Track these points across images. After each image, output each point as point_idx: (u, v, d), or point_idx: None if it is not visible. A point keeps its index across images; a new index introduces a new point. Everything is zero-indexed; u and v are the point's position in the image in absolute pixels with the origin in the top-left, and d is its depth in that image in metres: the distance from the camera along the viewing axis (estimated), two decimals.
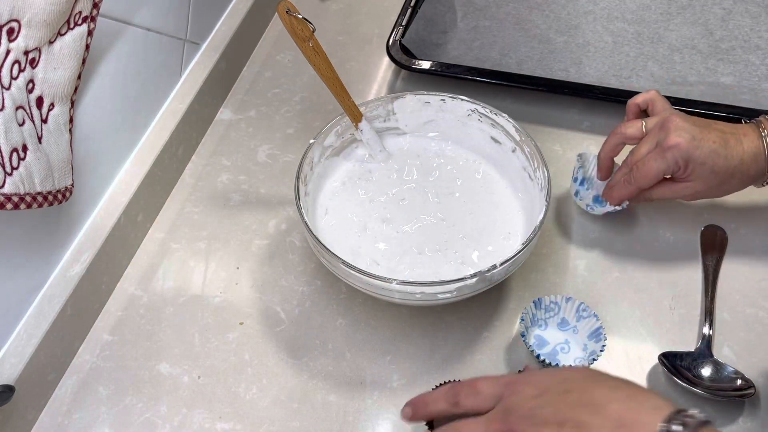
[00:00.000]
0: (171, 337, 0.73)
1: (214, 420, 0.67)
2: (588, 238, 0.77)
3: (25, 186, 0.57)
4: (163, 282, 0.77)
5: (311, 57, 0.72)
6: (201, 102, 0.88)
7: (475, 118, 0.77)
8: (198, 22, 0.88)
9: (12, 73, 0.56)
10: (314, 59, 0.72)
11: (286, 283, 0.76)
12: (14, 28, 0.55)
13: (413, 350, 0.71)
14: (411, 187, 0.77)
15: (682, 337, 0.69)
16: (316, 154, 0.75)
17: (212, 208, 0.84)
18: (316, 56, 0.72)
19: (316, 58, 0.72)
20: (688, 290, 0.73)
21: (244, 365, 0.71)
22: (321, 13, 1.05)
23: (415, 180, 0.78)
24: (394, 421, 0.66)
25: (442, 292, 0.64)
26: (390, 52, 0.91)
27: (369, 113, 0.78)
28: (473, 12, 0.99)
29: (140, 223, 0.80)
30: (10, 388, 0.63)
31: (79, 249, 0.73)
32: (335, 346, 0.72)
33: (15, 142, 0.56)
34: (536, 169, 0.72)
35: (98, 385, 0.70)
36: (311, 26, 0.72)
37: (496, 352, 0.70)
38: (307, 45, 0.71)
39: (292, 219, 0.82)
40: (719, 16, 0.96)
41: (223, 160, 0.88)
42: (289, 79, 0.97)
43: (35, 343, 0.66)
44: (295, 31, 0.71)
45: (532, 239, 0.65)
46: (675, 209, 0.79)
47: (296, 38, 0.71)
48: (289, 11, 0.70)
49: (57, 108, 0.63)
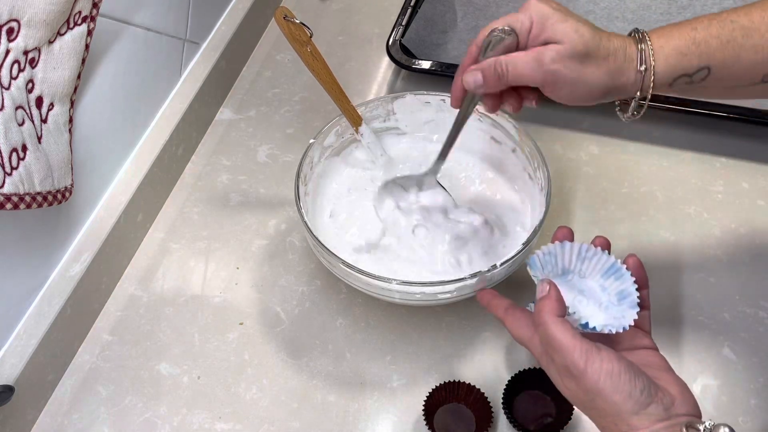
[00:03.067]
0: (171, 337, 0.73)
1: (213, 420, 0.67)
2: (588, 238, 0.77)
3: (24, 186, 0.57)
4: (163, 282, 0.77)
5: (310, 62, 0.72)
6: (201, 102, 0.88)
7: (476, 117, 0.77)
8: (198, 22, 0.88)
9: (12, 73, 0.56)
10: (313, 64, 0.72)
11: (286, 283, 0.76)
12: (14, 27, 0.55)
13: (413, 350, 0.71)
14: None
15: (682, 336, 0.69)
16: (316, 154, 0.75)
17: (212, 208, 0.84)
18: (314, 61, 0.72)
19: (314, 63, 0.72)
20: (688, 290, 0.73)
21: (244, 365, 0.71)
22: (321, 13, 1.05)
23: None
24: (394, 421, 0.66)
25: (442, 292, 0.64)
26: (390, 52, 0.91)
27: (369, 113, 0.77)
28: (473, 12, 0.99)
29: (140, 223, 0.80)
30: (10, 388, 0.63)
31: (79, 249, 0.72)
32: (335, 346, 0.71)
33: (14, 142, 0.56)
34: (536, 169, 0.72)
35: (98, 386, 0.70)
36: (309, 31, 0.71)
37: (496, 352, 0.70)
38: (306, 50, 0.71)
39: (292, 219, 0.82)
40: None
41: (223, 160, 0.88)
42: (289, 79, 0.97)
43: (35, 343, 0.66)
44: (293, 37, 0.70)
45: (532, 239, 0.65)
46: (675, 209, 0.79)
47: (294, 43, 0.71)
48: (287, 17, 0.70)
49: (57, 108, 0.63)
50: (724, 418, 0.64)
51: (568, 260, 0.58)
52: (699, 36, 0.53)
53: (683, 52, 0.53)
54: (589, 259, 0.58)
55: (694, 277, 0.74)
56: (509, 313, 0.56)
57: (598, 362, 0.48)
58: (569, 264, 0.58)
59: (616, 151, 0.85)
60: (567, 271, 0.58)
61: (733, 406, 0.65)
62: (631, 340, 0.54)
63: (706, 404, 0.65)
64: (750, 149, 0.83)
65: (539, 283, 0.54)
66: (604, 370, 0.47)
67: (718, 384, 0.66)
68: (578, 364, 0.48)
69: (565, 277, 0.58)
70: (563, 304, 0.52)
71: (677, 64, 0.53)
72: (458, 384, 0.66)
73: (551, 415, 0.65)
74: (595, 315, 0.56)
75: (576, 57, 0.53)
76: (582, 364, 0.48)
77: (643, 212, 0.79)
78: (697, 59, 0.53)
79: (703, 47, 0.53)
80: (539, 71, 0.53)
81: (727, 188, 0.80)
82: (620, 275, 0.56)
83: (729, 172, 0.82)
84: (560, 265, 0.58)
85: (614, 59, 0.54)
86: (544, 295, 0.52)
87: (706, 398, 0.66)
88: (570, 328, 0.50)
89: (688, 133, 0.85)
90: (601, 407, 0.48)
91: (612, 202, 0.80)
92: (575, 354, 0.48)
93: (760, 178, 0.81)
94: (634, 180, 0.82)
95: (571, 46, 0.53)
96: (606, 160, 0.84)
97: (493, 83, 0.56)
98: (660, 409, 0.47)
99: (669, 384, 0.49)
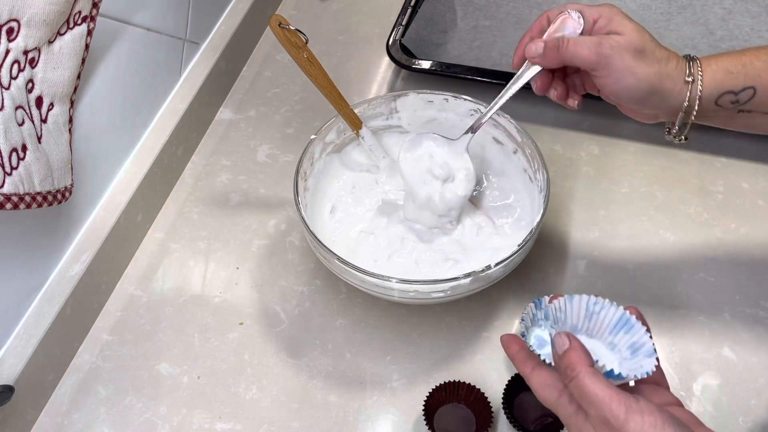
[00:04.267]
0: (171, 337, 0.73)
1: (213, 420, 0.67)
2: (588, 238, 0.77)
3: (24, 186, 0.57)
4: (163, 282, 0.77)
5: (307, 68, 0.72)
6: (201, 102, 0.88)
7: (477, 118, 0.77)
8: (198, 22, 0.88)
9: (11, 73, 0.56)
10: (310, 70, 0.72)
11: (286, 283, 0.76)
12: (14, 27, 0.55)
13: (413, 350, 0.71)
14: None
15: (682, 336, 0.69)
16: (317, 150, 0.75)
17: (212, 208, 0.84)
18: (311, 67, 0.72)
19: (311, 69, 0.72)
20: (688, 290, 0.73)
21: (244, 365, 0.71)
22: (321, 13, 1.05)
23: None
24: (394, 421, 0.66)
25: (436, 291, 0.64)
26: (390, 52, 0.91)
27: (371, 111, 0.77)
28: (473, 12, 0.99)
29: (140, 223, 0.80)
30: (9, 388, 0.63)
31: (79, 249, 0.72)
32: (335, 346, 0.71)
33: (14, 141, 0.56)
34: (537, 170, 0.72)
35: (98, 385, 0.70)
36: (304, 37, 0.71)
37: (496, 352, 0.70)
38: (302, 56, 0.71)
39: (292, 219, 0.82)
40: (719, 16, 0.95)
41: (222, 160, 0.88)
42: (289, 79, 0.97)
43: (35, 343, 0.66)
44: (289, 43, 0.70)
45: (528, 240, 0.65)
46: (675, 209, 0.79)
47: (291, 50, 0.71)
48: (281, 24, 0.70)
49: (56, 108, 0.63)
50: (724, 418, 0.64)
51: (575, 316, 0.54)
52: (746, 59, 0.56)
53: (730, 71, 0.56)
54: (597, 313, 0.54)
55: (694, 277, 0.74)
56: (536, 373, 0.51)
57: (638, 414, 0.45)
58: (577, 320, 0.54)
59: (616, 151, 0.85)
60: (575, 329, 0.54)
61: (733, 406, 0.65)
62: (659, 397, 0.51)
63: (706, 404, 0.65)
64: (750, 149, 0.83)
65: (556, 336, 0.50)
66: (647, 422, 0.45)
67: (718, 384, 0.66)
68: (618, 415, 0.45)
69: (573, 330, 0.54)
70: (589, 354, 0.48)
71: (724, 80, 0.56)
72: (458, 384, 0.66)
73: (551, 415, 0.65)
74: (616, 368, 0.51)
75: (632, 50, 0.56)
76: (623, 415, 0.45)
77: (643, 212, 0.79)
78: (743, 78, 0.56)
79: (749, 68, 0.56)
80: (596, 52, 0.57)
81: (727, 188, 0.80)
82: (630, 327, 0.53)
83: (729, 172, 0.82)
84: (569, 322, 0.54)
85: (665, 65, 0.57)
86: (568, 347, 0.48)
87: (706, 398, 0.66)
88: (603, 377, 0.47)
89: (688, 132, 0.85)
90: None
91: (612, 202, 0.80)
92: (614, 405, 0.45)
93: (760, 178, 0.81)
94: (634, 180, 0.82)
95: (631, 39, 0.56)
96: (606, 160, 0.84)
97: (551, 56, 0.59)
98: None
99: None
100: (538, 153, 0.71)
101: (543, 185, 0.69)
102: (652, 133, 0.85)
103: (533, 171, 0.73)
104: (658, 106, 0.58)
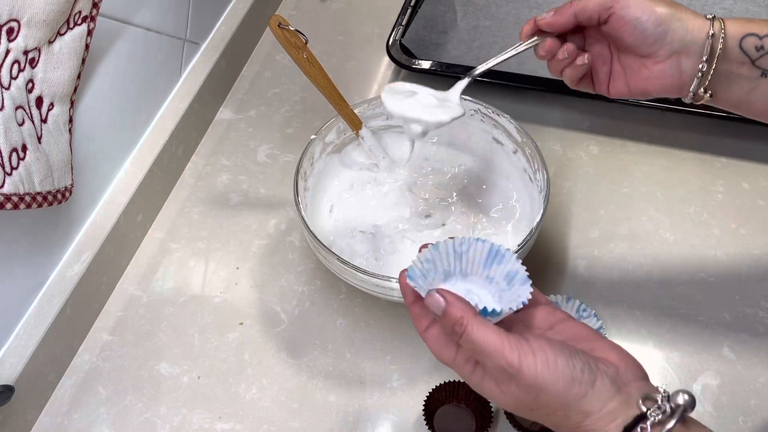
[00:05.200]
0: (171, 337, 0.73)
1: (213, 420, 0.67)
2: (588, 238, 0.77)
3: (24, 186, 0.57)
4: (163, 282, 0.77)
5: (306, 68, 0.72)
6: (201, 102, 0.88)
7: (478, 118, 0.77)
8: (198, 22, 0.88)
9: (12, 73, 0.56)
10: (310, 70, 0.72)
11: (286, 283, 0.76)
12: (14, 27, 0.55)
13: (413, 350, 0.71)
14: (415, 190, 0.77)
15: (682, 336, 0.69)
16: (317, 150, 0.75)
17: (212, 208, 0.84)
18: (311, 67, 0.72)
19: (311, 69, 0.72)
20: (688, 290, 0.73)
21: (244, 365, 0.71)
22: (321, 13, 1.05)
23: (419, 185, 0.78)
24: (394, 421, 0.66)
25: None
26: (390, 52, 0.91)
27: (371, 111, 0.77)
28: (473, 12, 0.99)
29: (140, 223, 0.80)
30: (9, 388, 0.63)
31: (79, 249, 0.72)
32: (335, 346, 0.71)
33: (14, 142, 0.56)
34: (536, 171, 0.72)
35: (98, 385, 0.70)
36: (304, 38, 0.71)
37: None
38: (302, 56, 0.71)
39: (292, 219, 0.82)
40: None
41: (223, 159, 0.88)
42: (289, 79, 0.97)
43: (35, 343, 0.66)
44: (289, 44, 0.70)
45: (528, 240, 0.65)
46: (675, 209, 0.79)
47: (290, 50, 0.71)
48: (281, 25, 0.70)
49: (57, 108, 0.63)
50: (724, 418, 0.64)
51: (446, 261, 0.53)
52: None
53: (752, 21, 0.55)
54: (465, 252, 0.53)
55: (694, 277, 0.74)
56: (430, 333, 0.49)
57: (530, 355, 0.43)
58: (448, 265, 0.53)
59: (616, 151, 0.85)
60: (448, 273, 0.53)
61: (733, 406, 0.65)
62: (546, 319, 0.50)
63: (706, 404, 0.65)
64: (750, 149, 0.83)
65: (428, 297, 0.47)
66: (539, 362, 0.43)
67: (718, 384, 0.66)
68: (512, 362, 0.43)
69: (449, 282, 0.53)
70: (468, 302, 0.46)
71: (746, 23, 0.54)
72: (458, 384, 0.66)
73: None
74: (492, 304, 0.52)
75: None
76: (516, 360, 0.43)
77: (643, 212, 0.79)
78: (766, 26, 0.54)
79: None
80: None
81: (727, 188, 0.80)
82: (501, 257, 0.52)
83: (729, 172, 0.82)
84: (441, 268, 0.52)
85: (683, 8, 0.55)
86: (445, 305, 0.46)
87: (706, 398, 0.66)
88: (492, 324, 0.45)
89: (688, 133, 0.85)
90: (548, 403, 0.43)
91: (612, 202, 0.80)
92: (506, 352, 0.44)
93: (760, 178, 0.81)
94: (634, 180, 0.82)
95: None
96: (606, 160, 0.84)
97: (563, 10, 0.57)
98: (607, 383, 0.43)
99: (605, 352, 0.45)
100: (538, 153, 0.71)
101: (543, 185, 0.69)
102: (653, 133, 0.85)
103: (533, 171, 0.73)
104: (682, 39, 0.54)
